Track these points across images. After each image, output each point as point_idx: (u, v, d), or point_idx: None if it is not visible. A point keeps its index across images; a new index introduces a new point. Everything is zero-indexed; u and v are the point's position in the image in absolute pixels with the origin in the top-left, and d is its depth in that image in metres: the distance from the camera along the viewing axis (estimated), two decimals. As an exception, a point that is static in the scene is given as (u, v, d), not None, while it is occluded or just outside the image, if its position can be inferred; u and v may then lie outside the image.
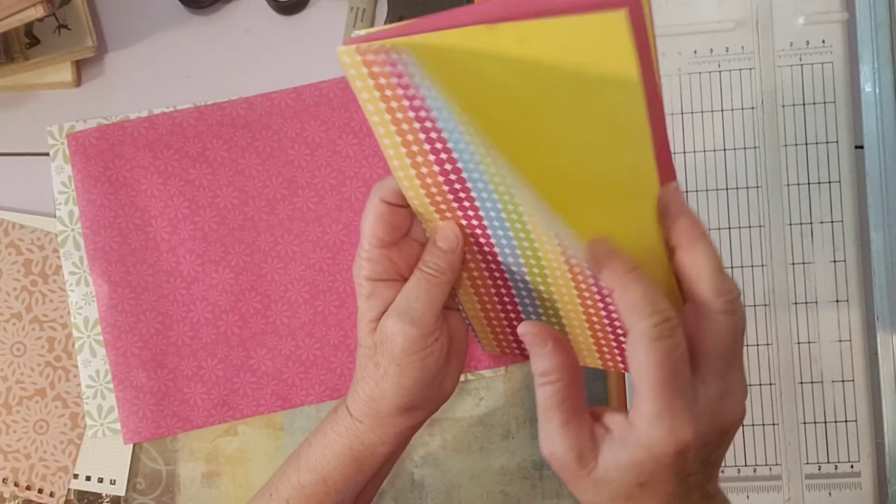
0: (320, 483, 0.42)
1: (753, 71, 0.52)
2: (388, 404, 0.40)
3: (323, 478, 0.42)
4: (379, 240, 0.38)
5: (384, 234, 0.38)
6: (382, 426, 0.41)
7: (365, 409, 0.41)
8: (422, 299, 0.38)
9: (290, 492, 0.43)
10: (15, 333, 0.55)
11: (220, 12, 0.57)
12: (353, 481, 0.42)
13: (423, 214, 0.38)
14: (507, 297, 0.42)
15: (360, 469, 0.42)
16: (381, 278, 0.39)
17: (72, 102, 0.56)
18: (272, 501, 0.43)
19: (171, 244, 0.55)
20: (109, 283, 0.54)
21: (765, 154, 0.52)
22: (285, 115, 0.55)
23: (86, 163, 0.54)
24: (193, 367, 0.55)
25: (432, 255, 0.39)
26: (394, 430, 0.41)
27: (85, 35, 0.54)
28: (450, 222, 0.39)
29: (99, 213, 0.54)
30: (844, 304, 0.52)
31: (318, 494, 0.42)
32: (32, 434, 0.55)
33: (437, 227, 0.39)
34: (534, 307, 0.41)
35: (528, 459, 0.55)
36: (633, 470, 0.33)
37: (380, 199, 0.38)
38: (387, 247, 0.38)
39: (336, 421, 0.42)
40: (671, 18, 0.52)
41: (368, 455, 0.42)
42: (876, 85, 0.52)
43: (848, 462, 0.51)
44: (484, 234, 0.38)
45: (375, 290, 0.39)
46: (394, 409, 0.40)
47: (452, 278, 0.39)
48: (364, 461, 0.42)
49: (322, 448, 0.42)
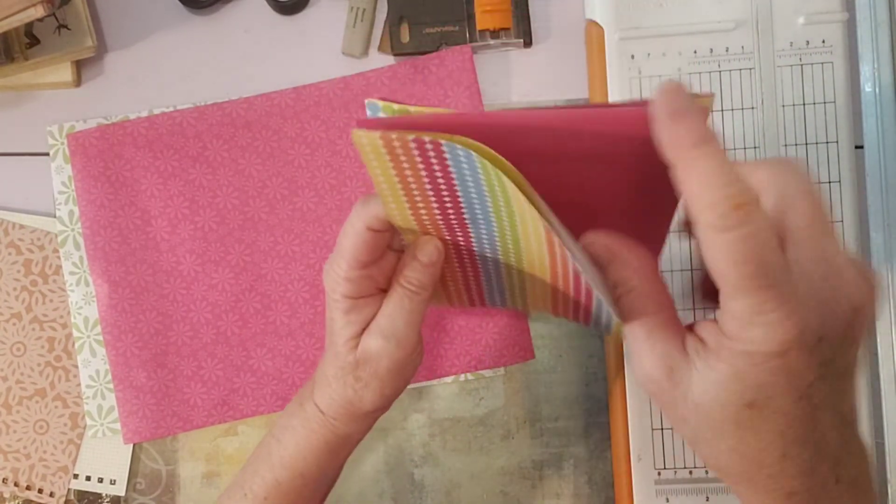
0: (298, 479, 0.42)
1: (753, 71, 0.52)
2: (367, 406, 0.40)
3: (300, 473, 0.42)
4: (360, 263, 0.37)
5: (366, 258, 0.37)
6: (357, 423, 0.42)
7: (340, 410, 0.41)
8: (405, 318, 0.38)
9: (268, 490, 0.43)
10: (15, 333, 0.55)
11: (221, 12, 0.57)
12: (328, 471, 0.44)
13: (404, 230, 0.38)
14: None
15: (335, 459, 0.43)
16: (360, 296, 0.38)
17: (72, 102, 0.56)
18: (247, 500, 0.43)
19: (171, 244, 0.55)
20: (109, 282, 0.54)
21: (765, 154, 0.52)
22: (285, 115, 0.55)
23: (86, 163, 0.54)
24: (193, 367, 0.55)
25: (414, 271, 0.38)
26: (367, 425, 0.43)
27: (85, 35, 0.54)
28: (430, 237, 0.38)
29: (99, 213, 0.54)
30: (844, 305, 0.52)
31: (296, 489, 0.43)
32: (32, 434, 0.55)
33: (419, 241, 0.38)
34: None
35: (528, 459, 0.55)
36: (735, 385, 0.28)
37: (366, 227, 0.36)
38: (367, 267, 0.38)
39: (306, 418, 0.42)
40: (671, 18, 0.52)
41: (343, 444, 0.43)
42: (876, 85, 0.52)
43: (848, 462, 0.51)
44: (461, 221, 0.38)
45: (355, 306, 0.38)
46: (372, 411, 0.41)
47: (432, 290, 0.39)
48: (339, 451, 0.43)
49: (295, 445, 0.42)
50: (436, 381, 0.55)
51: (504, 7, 0.54)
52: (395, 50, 0.55)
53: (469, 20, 0.54)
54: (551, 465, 0.55)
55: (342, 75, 0.55)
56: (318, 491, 0.45)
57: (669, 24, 0.52)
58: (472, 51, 0.55)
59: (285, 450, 0.42)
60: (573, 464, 0.55)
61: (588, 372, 0.55)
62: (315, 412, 0.41)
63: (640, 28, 0.52)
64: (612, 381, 0.53)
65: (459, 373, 0.55)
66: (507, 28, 0.54)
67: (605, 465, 0.55)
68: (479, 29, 0.54)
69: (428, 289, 0.39)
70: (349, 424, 0.41)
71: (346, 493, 0.55)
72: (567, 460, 0.55)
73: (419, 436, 0.55)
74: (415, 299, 0.38)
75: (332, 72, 0.56)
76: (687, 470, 0.52)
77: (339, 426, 0.41)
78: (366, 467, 0.55)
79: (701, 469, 0.52)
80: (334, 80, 0.55)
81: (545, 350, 0.55)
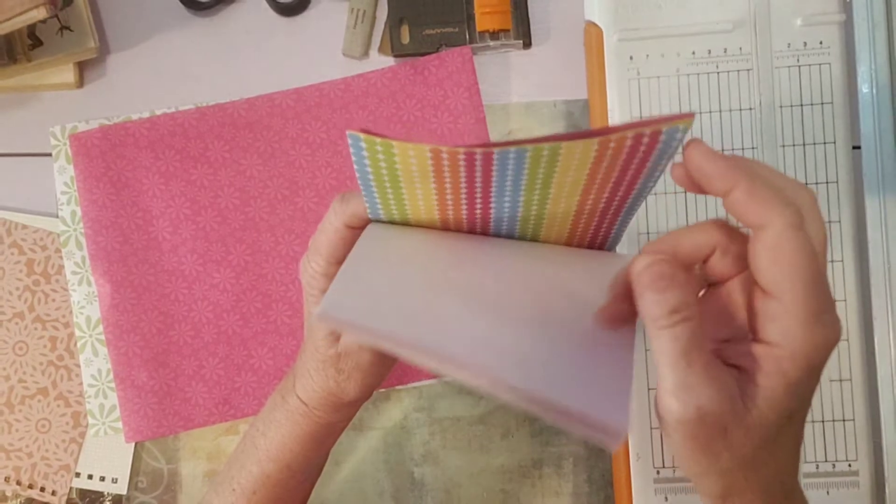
0: (285, 470, 0.43)
1: (751, 72, 0.52)
2: (349, 397, 0.40)
3: (287, 465, 0.43)
4: (337, 259, 0.37)
5: (343, 254, 0.37)
6: (340, 412, 0.42)
7: (322, 401, 0.41)
8: None
9: (256, 483, 0.43)
10: (17, 333, 0.56)
11: (222, 13, 0.57)
12: (315, 460, 0.44)
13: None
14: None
15: (321, 448, 0.44)
16: None
17: (74, 103, 0.56)
18: (236, 495, 0.43)
19: (173, 244, 0.55)
20: (111, 282, 0.55)
21: (763, 155, 0.52)
22: (286, 115, 0.55)
23: (88, 163, 0.55)
24: (195, 366, 0.55)
25: None
26: (352, 413, 0.43)
27: (87, 36, 0.54)
28: None
29: (101, 213, 0.55)
30: (842, 304, 0.52)
31: (284, 481, 0.43)
32: (34, 433, 0.55)
33: None
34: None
35: (528, 458, 0.55)
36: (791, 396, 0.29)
37: (345, 224, 0.36)
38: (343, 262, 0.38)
39: (289, 410, 0.42)
40: (669, 20, 0.52)
41: (328, 433, 0.43)
42: (873, 86, 0.53)
43: (846, 461, 0.52)
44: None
45: None
46: (355, 400, 0.41)
47: None
48: (324, 440, 0.43)
49: (280, 437, 0.42)
50: (435, 380, 0.55)
51: (504, 8, 0.54)
52: (396, 51, 0.55)
53: (469, 21, 0.55)
54: (551, 464, 0.55)
55: (343, 76, 0.56)
56: (307, 481, 0.45)
57: (668, 25, 0.52)
58: (472, 52, 0.55)
59: (271, 442, 0.42)
60: (573, 462, 0.55)
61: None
62: (298, 404, 0.41)
63: (639, 29, 0.52)
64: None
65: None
66: (507, 29, 0.55)
67: (604, 463, 0.55)
68: (479, 30, 0.54)
69: None
70: (332, 414, 0.41)
71: (347, 492, 0.55)
72: (566, 459, 0.55)
73: (419, 435, 0.56)
74: None
75: (332, 73, 0.56)
76: (685, 468, 0.52)
77: (323, 416, 0.41)
78: (366, 467, 0.56)
79: (699, 468, 0.52)
80: (335, 80, 0.56)
81: (544, 349, 0.55)
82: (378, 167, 0.33)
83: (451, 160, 0.32)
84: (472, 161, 0.32)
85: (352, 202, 0.36)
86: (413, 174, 0.33)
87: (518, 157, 0.31)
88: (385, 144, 0.32)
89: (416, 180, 0.34)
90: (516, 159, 0.32)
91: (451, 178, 0.33)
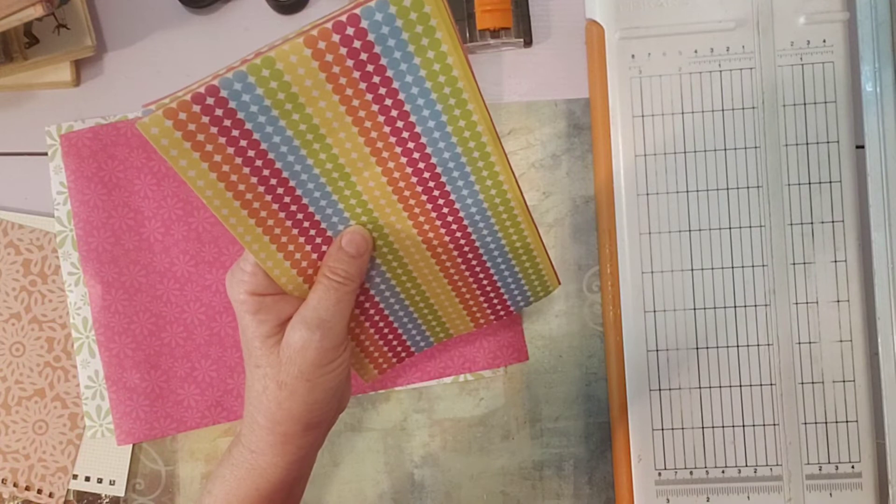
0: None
1: (754, 70, 0.52)
2: (294, 425, 0.38)
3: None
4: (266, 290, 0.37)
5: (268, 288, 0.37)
6: (286, 451, 0.39)
7: (266, 437, 0.39)
8: (332, 309, 0.37)
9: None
10: (14, 334, 0.55)
11: (220, 12, 0.57)
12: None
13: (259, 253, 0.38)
14: (372, 310, 0.43)
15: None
16: (267, 292, 0.38)
17: (71, 102, 0.56)
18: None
19: (165, 245, 0.55)
20: (102, 283, 0.54)
21: (765, 154, 0.52)
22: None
23: (79, 163, 0.54)
24: (187, 368, 0.55)
25: (340, 262, 0.37)
26: (298, 453, 0.40)
27: (84, 35, 0.54)
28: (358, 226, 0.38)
29: (92, 213, 0.54)
30: (845, 305, 0.52)
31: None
32: (32, 434, 0.55)
33: (345, 231, 0.38)
34: (401, 305, 0.44)
35: (529, 460, 0.55)
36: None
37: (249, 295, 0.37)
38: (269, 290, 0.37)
39: (234, 464, 0.40)
40: (671, 18, 0.52)
41: (274, 489, 0.40)
42: (877, 84, 0.52)
43: (849, 462, 0.51)
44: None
45: (263, 304, 0.37)
46: (299, 429, 0.39)
47: (360, 284, 0.38)
48: (272, 496, 0.40)
49: (226, 496, 0.40)
50: (435, 381, 0.55)
51: (504, 6, 0.54)
52: (395, 49, 0.55)
53: (469, 19, 0.54)
54: (551, 466, 0.55)
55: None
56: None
57: (670, 23, 0.52)
58: (473, 50, 0.55)
59: (216, 501, 0.40)
60: (573, 464, 0.55)
61: (588, 372, 0.55)
62: (243, 454, 0.40)
63: (641, 28, 0.52)
64: (611, 381, 0.53)
65: (453, 374, 0.55)
66: (508, 27, 0.54)
67: (605, 465, 0.55)
68: (480, 28, 0.54)
69: (356, 280, 0.38)
70: (277, 458, 0.39)
71: (346, 493, 0.55)
72: (567, 461, 0.55)
73: (419, 436, 0.55)
74: (341, 290, 0.37)
75: (331, 71, 0.55)
76: (687, 470, 0.52)
77: (266, 464, 0.39)
78: (366, 467, 0.55)
79: (701, 469, 0.52)
80: (334, 79, 0.55)
81: (545, 350, 0.55)
82: (186, 172, 0.34)
83: (195, 122, 0.34)
84: (215, 118, 0.34)
85: (237, 274, 0.38)
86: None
87: (243, 84, 0.33)
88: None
89: None
90: (244, 89, 0.33)
91: (224, 160, 0.35)
